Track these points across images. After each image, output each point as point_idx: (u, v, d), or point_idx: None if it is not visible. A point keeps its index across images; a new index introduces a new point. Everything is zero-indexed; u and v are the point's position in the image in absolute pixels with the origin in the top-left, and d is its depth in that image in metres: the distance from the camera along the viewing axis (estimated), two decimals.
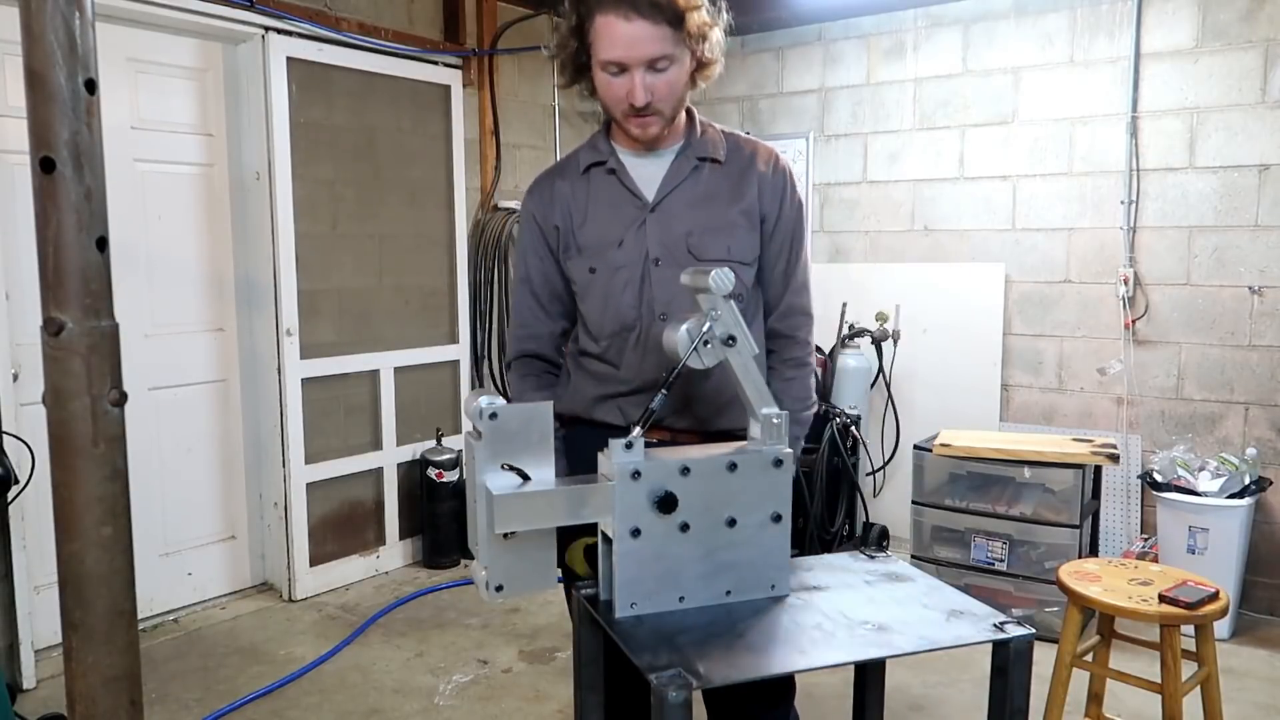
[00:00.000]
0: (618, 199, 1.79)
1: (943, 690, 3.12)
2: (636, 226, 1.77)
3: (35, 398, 1.31)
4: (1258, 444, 3.73)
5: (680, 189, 1.78)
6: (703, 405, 1.79)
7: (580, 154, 1.87)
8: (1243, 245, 3.74)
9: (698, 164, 1.79)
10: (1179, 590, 2.30)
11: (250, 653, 3.43)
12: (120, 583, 1.00)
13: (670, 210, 1.77)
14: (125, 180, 3.47)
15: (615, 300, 1.77)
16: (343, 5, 4.00)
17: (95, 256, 0.96)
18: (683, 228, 1.76)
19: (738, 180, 1.80)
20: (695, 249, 1.75)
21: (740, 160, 1.82)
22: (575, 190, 1.83)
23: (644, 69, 1.64)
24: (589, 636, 1.52)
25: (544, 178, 1.90)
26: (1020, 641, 1.35)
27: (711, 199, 1.78)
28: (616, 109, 1.71)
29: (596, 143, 1.85)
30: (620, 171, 1.80)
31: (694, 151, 1.80)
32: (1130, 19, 3.89)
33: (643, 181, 1.79)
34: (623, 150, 1.82)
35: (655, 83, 1.66)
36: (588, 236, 1.80)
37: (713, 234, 1.76)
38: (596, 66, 1.70)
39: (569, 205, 1.82)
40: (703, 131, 1.82)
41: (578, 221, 1.81)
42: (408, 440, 4.37)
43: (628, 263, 1.76)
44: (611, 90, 1.69)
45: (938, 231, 4.48)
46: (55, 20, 0.91)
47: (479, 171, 4.66)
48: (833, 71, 4.72)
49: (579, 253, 1.81)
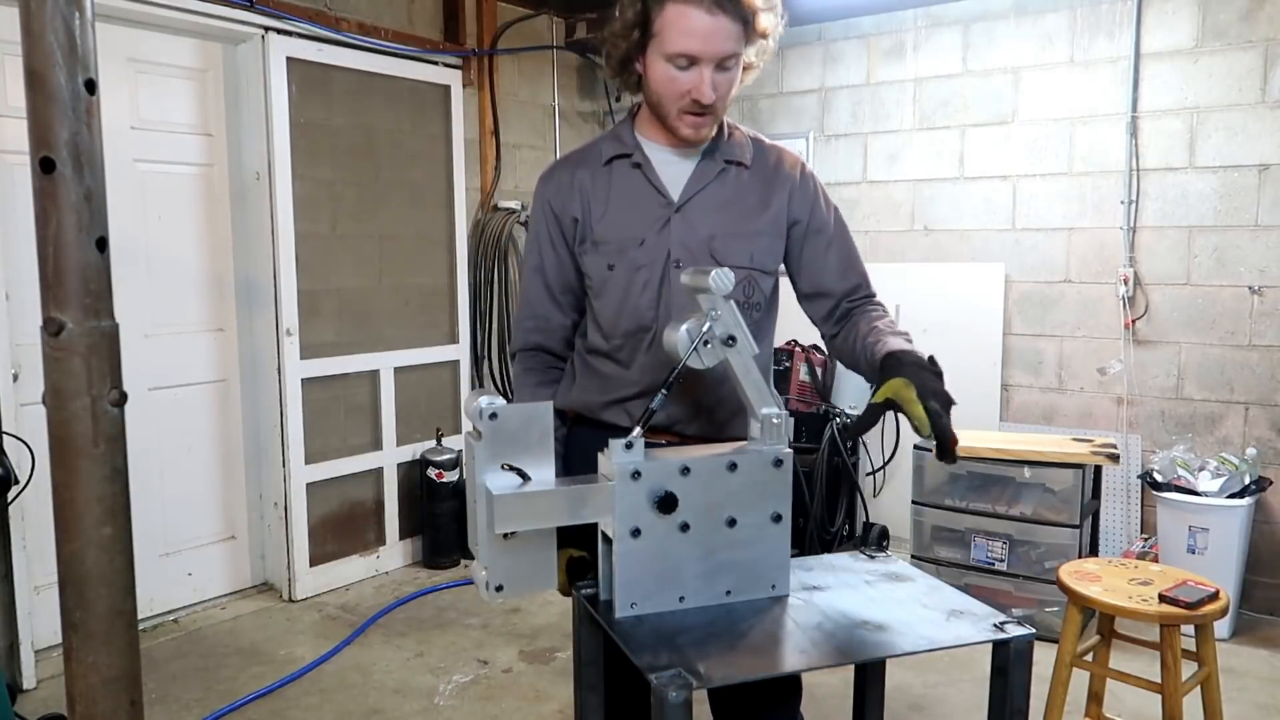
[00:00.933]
0: (641, 195, 1.74)
1: (943, 690, 3.12)
2: (660, 226, 1.72)
3: (35, 398, 1.31)
4: (1258, 444, 3.73)
5: (706, 190, 1.74)
6: (715, 411, 1.75)
7: (602, 145, 1.80)
8: (1243, 245, 3.74)
9: (725, 166, 1.75)
10: (1179, 590, 2.30)
11: (250, 653, 3.43)
12: (120, 583, 1.00)
13: (695, 211, 1.73)
14: (125, 180, 3.47)
15: (633, 300, 1.73)
16: (343, 5, 4.00)
17: (95, 257, 0.96)
18: (707, 230, 1.72)
19: (764, 186, 1.77)
20: (718, 254, 1.71)
21: (765, 165, 1.78)
22: (596, 181, 1.77)
23: (715, 65, 1.60)
24: (589, 636, 1.52)
25: (562, 165, 1.84)
26: (1020, 641, 1.34)
27: (738, 204, 1.75)
28: (673, 104, 1.65)
29: (621, 134, 1.79)
30: (646, 167, 1.74)
31: (722, 154, 1.76)
32: (1130, 19, 3.89)
33: (668, 179, 1.74)
34: (649, 145, 1.76)
35: (719, 81, 1.62)
36: (607, 231, 1.75)
37: (737, 240, 1.73)
38: (658, 57, 1.62)
39: (588, 196, 1.77)
40: (730, 133, 1.78)
41: (597, 214, 1.76)
42: (408, 440, 4.37)
43: (648, 262, 1.72)
44: (675, 84, 1.62)
45: (938, 231, 4.48)
46: (55, 20, 0.91)
47: (479, 171, 4.67)
48: (833, 71, 4.72)
49: (595, 247, 1.75)
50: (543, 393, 1.86)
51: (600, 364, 1.80)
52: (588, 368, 1.83)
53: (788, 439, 1.48)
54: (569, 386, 1.86)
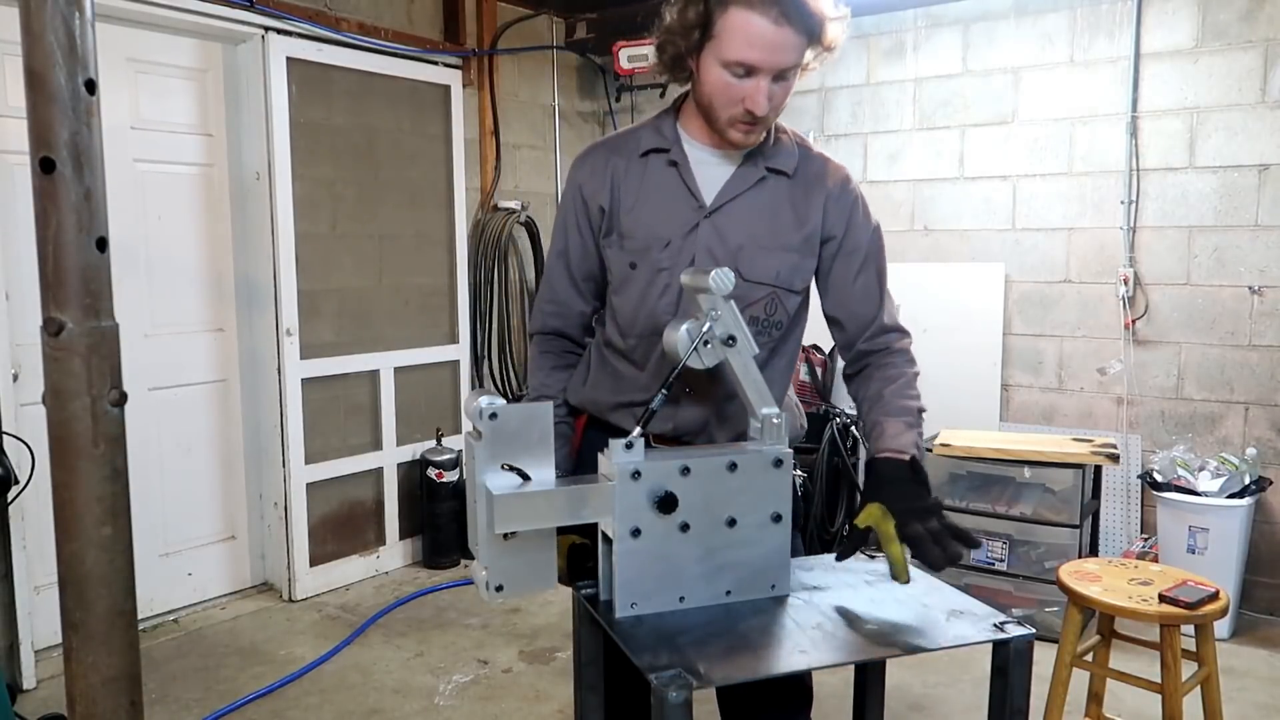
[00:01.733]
0: (674, 194, 1.68)
1: (943, 690, 3.12)
2: (688, 230, 1.66)
3: (35, 398, 1.31)
4: (1258, 444, 3.73)
5: (742, 198, 1.67)
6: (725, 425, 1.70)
7: (642, 134, 1.73)
8: (1243, 245, 3.74)
9: (766, 174, 1.68)
10: (1179, 590, 2.30)
11: (250, 653, 3.43)
12: (120, 583, 1.00)
13: (727, 219, 1.66)
14: (125, 180, 3.47)
15: (651, 303, 1.68)
16: (343, 5, 4.00)
17: (95, 256, 0.96)
18: (736, 240, 1.65)
19: (803, 199, 1.69)
20: (743, 266, 1.63)
21: (808, 175, 1.71)
22: (630, 172, 1.70)
23: (772, 77, 1.54)
24: (589, 636, 1.52)
25: (598, 150, 1.77)
26: (1020, 641, 1.35)
27: (772, 215, 1.68)
28: (726, 111, 1.58)
29: (662, 127, 1.71)
30: (683, 166, 1.67)
31: (765, 160, 1.68)
32: (1130, 19, 3.89)
33: (704, 181, 1.67)
34: (690, 142, 1.69)
35: (775, 92, 1.56)
36: (634, 226, 1.69)
37: (765, 254, 1.66)
38: (714, 61, 1.55)
39: (620, 186, 1.70)
40: (776, 138, 1.71)
41: (626, 206, 1.69)
42: (408, 440, 4.37)
43: (671, 266, 1.65)
44: (729, 91, 1.56)
45: (938, 231, 4.48)
46: (55, 20, 0.91)
47: (479, 171, 4.67)
48: (832, 71, 4.71)
49: (620, 240, 1.70)
50: (557, 377, 1.82)
51: (616, 361, 1.76)
52: (603, 362, 1.78)
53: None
54: (583, 378, 1.81)
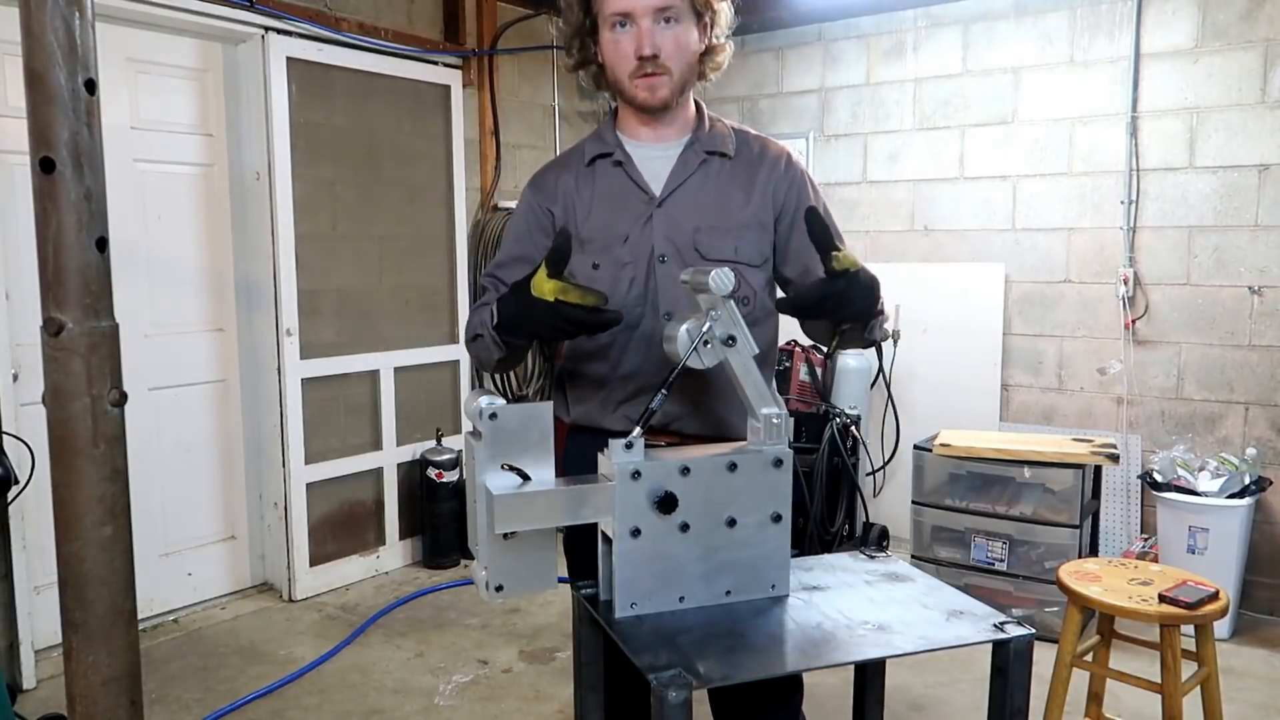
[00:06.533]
0: (624, 192, 1.75)
1: (943, 690, 3.12)
2: (643, 222, 1.73)
3: (35, 398, 1.31)
4: (1258, 444, 3.73)
5: (688, 183, 1.74)
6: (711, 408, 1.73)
7: (585, 146, 1.82)
8: (1243, 245, 3.74)
9: (706, 158, 1.75)
10: (1179, 590, 2.30)
11: (250, 653, 3.43)
12: (120, 583, 1.00)
13: (678, 206, 1.73)
14: (125, 180, 3.47)
15: (621, 297, 1.72)
16: (343, 5, 4.00)
17: (95, 256, 0.96)
18: (690, 224, 1.72)
19: (748, 178, 1.76)
20: (702, 247, 1.71)
21: (749, 155, 1.78)
22: (580, 184, 1.78)
23: (651, 18, 1.62)
24: (589, 636, 1.52)
25: (547, 172, 1.85)
26: (1020, 641, 1.34)
27: (721, 196, 1.74)
28: (624, 69, 1.67)
29: (603, 134, 1.80)
30: (628, 164, 1.75)
31: (703, 145, 1.76)
32: (1130, 19, 3.89)
33: (650, 175, 1.75)
34: (630, 142, 1.77)
35: (663, 36, 1.64)
36: (592, 230, 1.75)
37: (721, 233, 1.72)
38: (604, 28, 1.66)
39: (572, 200, 1.78)
40: (711, 125, 1.79)
41: (581, 216, 1.76)
42: (408, 440, 4.37)
43: (632, 259, 1.72)
44: (619, 47, 1.66)
45: (938, 231, 4.48)
46: (55, 20, 0.91)
47: (479, 171, 4.66)
48: (833, 71, 4.72)
49: (581, 246, 1.74)
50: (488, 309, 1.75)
51: (588, 368, 1.79)
52: (576, 377, 1.81)
53: (788, 439, 1.47)
54: (565, 406, 1.84)
